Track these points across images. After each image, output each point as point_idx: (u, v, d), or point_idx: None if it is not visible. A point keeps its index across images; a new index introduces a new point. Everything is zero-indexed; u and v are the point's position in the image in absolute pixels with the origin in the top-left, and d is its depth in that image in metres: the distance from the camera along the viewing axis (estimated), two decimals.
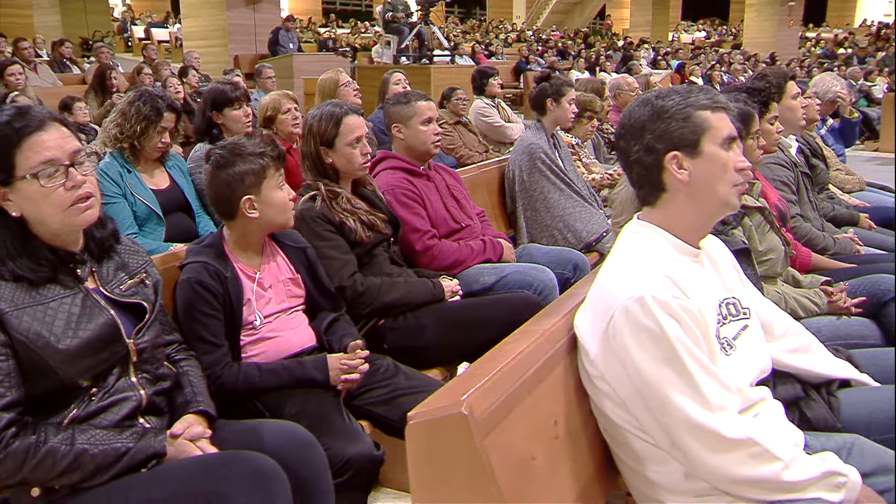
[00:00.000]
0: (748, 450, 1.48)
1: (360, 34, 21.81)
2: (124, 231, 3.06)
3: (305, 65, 12.38)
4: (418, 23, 12.41)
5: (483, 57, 18.04)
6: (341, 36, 20.87)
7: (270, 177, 2.16)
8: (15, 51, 8.26)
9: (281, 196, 2.19)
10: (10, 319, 1.58)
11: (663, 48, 21.71)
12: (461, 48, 17.77)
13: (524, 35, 24.90)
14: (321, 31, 21.22)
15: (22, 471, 1.57)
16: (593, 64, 16.91)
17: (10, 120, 1.62)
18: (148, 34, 17.72)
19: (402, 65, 12.35)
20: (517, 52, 18.48)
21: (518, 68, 15.95)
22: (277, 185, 2.18)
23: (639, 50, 20.58)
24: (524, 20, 31.27)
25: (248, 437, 1.77)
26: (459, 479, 1.28)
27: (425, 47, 12.54)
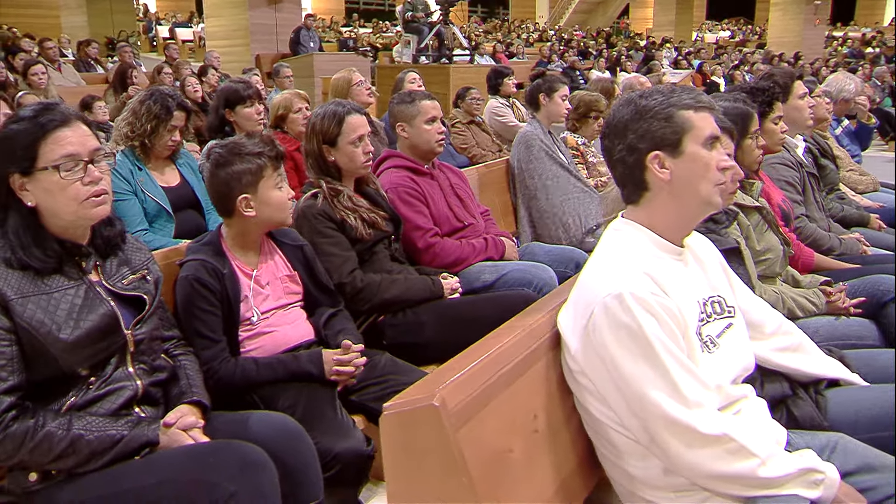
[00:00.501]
0: (724, 446, 1.50)
1: (382, 34, 21.90)
2: (135, 228, 3.14)
3: (325, 64, 12.45)
4: (438, 22, 12.45)
5: (503, 56, 18.04)
6: (363, 35, 20.97)
7: (268, 176, 2.20)
8: (40, 51, 8.41)
9: (278, 195, 2.23)
10: (15, 307, 1.64)
11: (686, 48, 21.57)
12: (482, 48, 17.80)
13: (546, 35, 24.86)
14: (343, 31, 21.32)
15: (20, 453, 1.62)
16: (614, 64, 16.85)
17: (37, 114, 1.70)
18: (172, 34, 17.93)
19: (422, 64, 12.42)
20: (538, 51, 18.44)
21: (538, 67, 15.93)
22: (275, 185, 2.22)
23: (661, 50, 20.47)
24: (547, 20, 31.21)
25: (239, 428, 1.82)
26: (431, 470, 1.31)
27: (445, 47, 12.57)
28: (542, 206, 3.86)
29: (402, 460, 1.34)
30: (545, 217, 3.83)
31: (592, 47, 21.44)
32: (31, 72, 6.07)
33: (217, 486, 1.61)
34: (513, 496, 1.44)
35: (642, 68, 15.52)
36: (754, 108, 2.67)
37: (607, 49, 20.78)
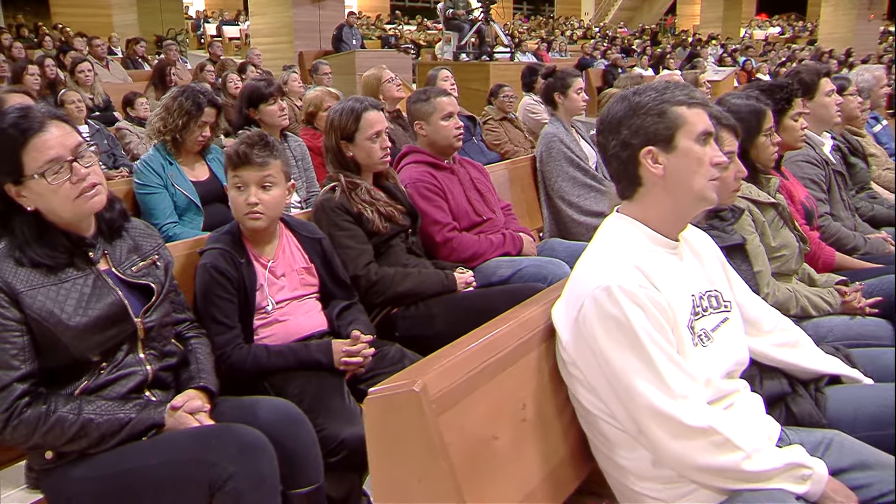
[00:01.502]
0: (709, 438, 1.52)
1: (426, 31, 21.99)
2: (164, 220, 3.25)
3: (367, 61, 12.51)
4: (479, 20, 12.48)
5: (545, 54, 17.99)
6: (408, 33, 21.08)
7: (228, 173, 2.29)
8: (89, 49, 8.66)
9: (233, 197, 2.29)
10: (25, 298, 1.72)
11: (733, 45, 21.23)
12: (524, 45, 17.77)
13: (590, 32, 24.69)
14: (387, 28, 21.48)
15: (34, 436, 1.71)
16: (657, 61, 16.67)
17: (14, 123, 1.74)
18: (220, 31, 18.26)
19: (462, 62, 12.46)
20: (580, 49, 18.34)
21: (580, 66, 15.84)
22: (232, 184, 2.28)
23: (706, 47, 20.17)
24: (592, 17, 30.97)
25: (243, 412, 1.89)
26: (412, 453, 1.36)
27: (486, 44, 12.60)
28: (560, 205, 3.91)
29: (384, 443, 1.39)
30: (563, 215, 3.88)
31: (636, 45, 21.23)
32: (77, 69, 6.27)
33: (216, 467, 1.69)
34: (496, 482, 1.48)
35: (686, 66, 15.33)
36: (768, 104, 2.65)
37: (651, 46, 20.56)
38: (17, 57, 8.00)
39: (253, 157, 2.26)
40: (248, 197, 2.26)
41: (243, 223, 2.31)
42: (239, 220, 2.31)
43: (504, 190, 3.95)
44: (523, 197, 4.18)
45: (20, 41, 10.92)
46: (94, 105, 6.14)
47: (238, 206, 2.29)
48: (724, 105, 2.68)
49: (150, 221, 3.26)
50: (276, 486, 1.75)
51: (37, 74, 5.89)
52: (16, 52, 8.38)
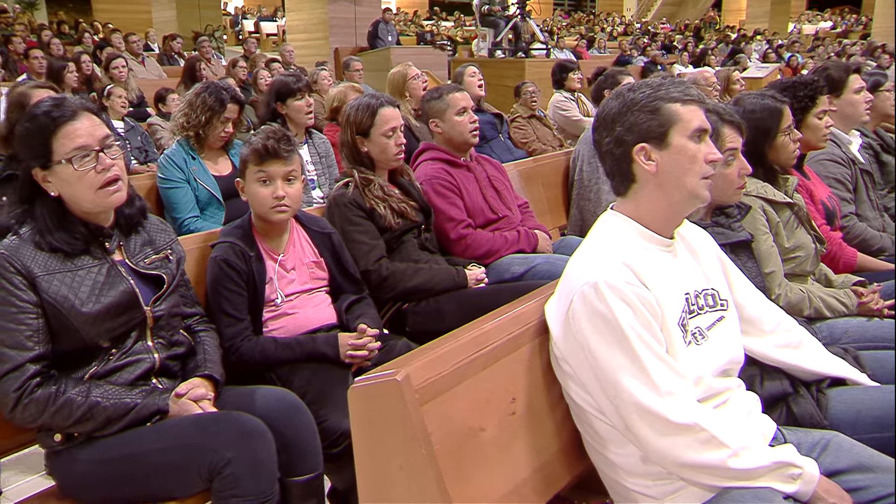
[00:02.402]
0: (695, 435, 1.52)
1: (463, 27, 21.98)
2: (186, 214, 3.32)
3: (402, 57, 12.53)
4: (514, 16, 12.45)
5: (584, 51, 17.86)
6: (444, 29, 21.10)
7: (250, 168, 2.31)
8: (126, 45, 8.85)
9: (257, 190, 2.31)
10: (41, 283, 1.79)
11: (779, 40, 20.83)
12: (562, 42, 17.67)
13: (631, 28, 24.46)
14: (425, 25, 21.53)
15: (43, 416, 1.78)
16: (698, 58, 16.45)
17: (47, 111, 1.83)
18: (257, 27, 18.49)
19: (497, 58, 12.45)
20: (619, 46, 18.19)
21: (618, 63, 15.71)
22: (256, 179, 2.31)
23: (751, 43, 19.84)
24: (634, 13, 30.67)
25: (244, 401, 1.94)
26: (394, 441, 1.39)
27: (521, 41, 12.57)
28: (591, 209, 3.87)
29: (367, 431, 1.42)
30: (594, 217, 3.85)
31: (678, 41, 20.98)
32: (112, 66, 6.42)
33: (216, 453, 1.74)
34: (481, 472, 1.50)
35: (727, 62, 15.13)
36: (785, 102, 2.62)
37: (694, 43, 20.29)
38: (56, 53, 8.20)
39: (280, 151, 2.31)
40: (276, 190, 2.30)
41: (269, 216, 2.34)
42: (264, 213, 2.34)
43: (525, 187, 3.95)
44: (545, 194, 4.17)
45: (60, 38, 11.19)
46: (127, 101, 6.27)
47: (265, 200, 2.31)
48: (741, 104, 2.66)
49: (172, 215, 3.35)
50: (273, 473, 1.79)
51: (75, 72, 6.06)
52: (55, 48, 8.59)
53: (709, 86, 5.83)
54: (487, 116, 5.48)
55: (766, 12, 25.65)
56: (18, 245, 1.80)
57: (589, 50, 18.64)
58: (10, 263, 1.77)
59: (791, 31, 26.01)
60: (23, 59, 7.90)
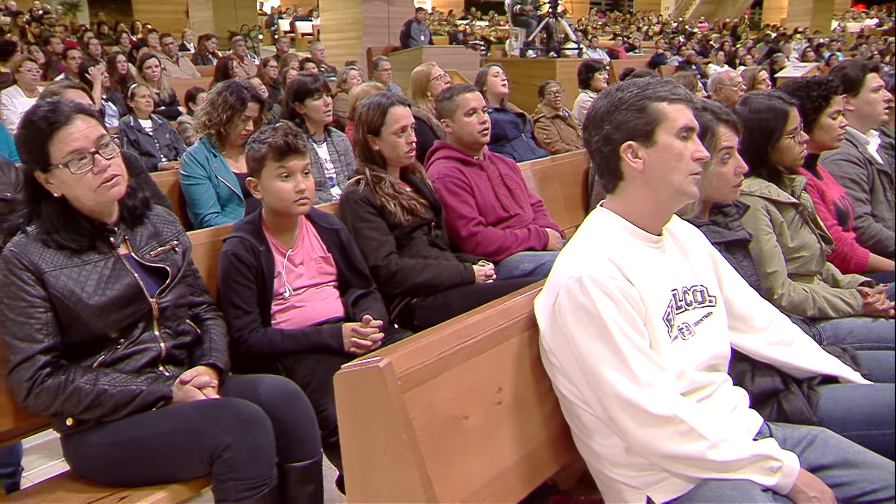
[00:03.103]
0: (675, 427, 1.55)
1: (498, 27, 21.99)
2: (207, 210, 3.41)
3: (434, 57, 12.58)
4: (547, 15, 12.44)
5: (622, 50, 17.77)
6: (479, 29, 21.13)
7: (269, 165, 2.36)
8: (161, 45, 9.05)
9: (277, 186, 2.37)
10: (49, 278, 1.88)
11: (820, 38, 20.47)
12: (595, 41, 17.60)
13: (667, 27, 24.26)
14: (459, 24, 21.58)
15: (54, 404, 1.87)
16: (733, 57, 16.28)
17: (43, 116, 1.90)
18: (293, 27, 18.71)
19: (529, 58, 12.46)
20: (654, 45, 18.05)
21: (653, 62, 15.60)
22: (277, 175, 2.36)
23: (790, 41, 19.54)
24: (672, 11, 30.36)
25: (246, 389, 2.02)
26: (377, 426, 1.45)
27: (553, 40, 12.56)
28: None
29: (352, 416, 1.48)
30: None
31: (715, 40, 20.75)
32: (145, 65, 6.59)
33: (216, 438, 1.81)
34: (464, 458, 1.55)
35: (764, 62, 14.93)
36: (793, 104, 2.62)
37: (731, 42, 20.05)
38: (94, 54, 8.42)
39: (299, 145, 2.39)
40: (298, 184, 2.37)
41: (292, 210, 2.41)
42: (286, 207, 2.40)
43: (542, 186, 3.99)
44: (563, 193, 4.21)
45: (99, 38, 11.46)
46: (159, 100, 6.43)
47: (288, 194, 2.37)
48: (748, 104, 2.67)
49: (193, 211, 3.46)
50: (271, 458, 1.86)
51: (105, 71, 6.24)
52: (93, 48, 8.82)
53: (734, 85, 5.79)
54: (510, 116, 5.52)
55: (807, 10, 25.22)
56: (26, 243, 1.90)
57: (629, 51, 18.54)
58: (18, 260, 1.86)
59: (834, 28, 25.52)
60: (62, 59, 8.13)
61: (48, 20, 14.73)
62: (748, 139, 2.58)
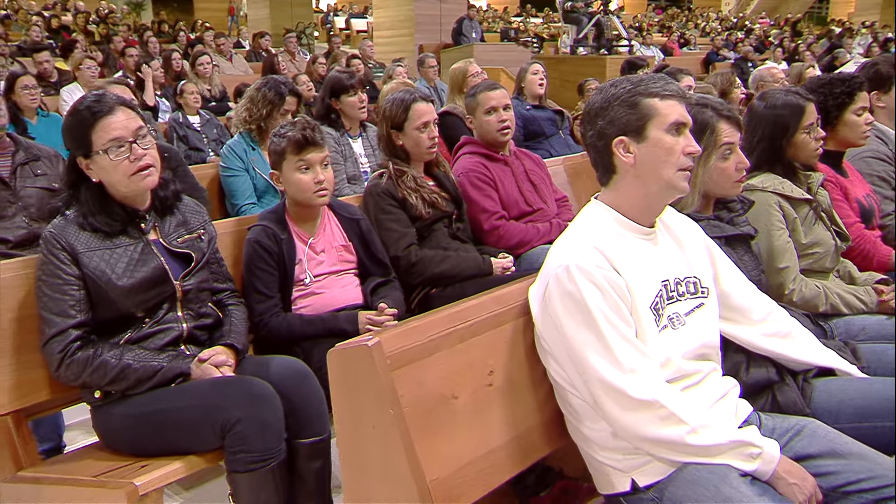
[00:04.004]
0: (655, 411, 1.61)
1: (551, 24, 21.91)
2: (244, 200, 3.57)
3: (485, 54, 12.74)
4: (598, 12, 12.38)
5: (675, 47, 17.56)
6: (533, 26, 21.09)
7: (289, 158, 2.49)
8: (215, 44, 9.33)
9: (298, 178, 2.49)
10: (83, 258, 2.03)
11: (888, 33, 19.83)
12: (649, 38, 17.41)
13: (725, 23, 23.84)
14: (514, 21, 21.57)
15: (82, 375, 2.02)
16: (792, 54, 15.94)
17: (88, 106, 2.07)
18: (348, 24, 18.98)
19: (579, 55, 12.43)
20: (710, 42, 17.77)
21: (707, 60, 15.38)
22: (296, 167, 2.48)
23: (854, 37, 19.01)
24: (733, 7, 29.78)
25: (259, 368, 2.14)
26: (366, 402, 1.54)
27: (604, 37, 12.49)
28: None
29: (343, 391, 1.58)
30: None
31: (775, 36, 20.32)
32: (198, 62, 6.82)
33: (227, 412, 1.94)
34: (451, 434, 1.62)
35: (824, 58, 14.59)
36: (810, 100, 2.63)
37: (791, 38, 19.61)
38: (152, 51, 8.72)
39: (317, 139, 2.51)
40: (317, 175, 2.49)
41: (312, 201, 2.53)
42: (307, 198, 2.52)
43: (572, 181, 4.04)
44: (593, 188, 4.22)
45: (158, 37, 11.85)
46: (210, 96, 6.64)
47: (307, 185, 2.50)
48: (765, 99, 2.69)
49: (231, 201, 3.61)
50: (279, 433, 1.98)
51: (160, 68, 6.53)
52: (151, 47, 9.15)
53: (776, 82, 5.70)
54: (548, 113, 5.56)
55: (876, 3, 24.39)
56: (64, 225, 2.06)
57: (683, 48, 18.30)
58: (56, 241, 2.02)
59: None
60: (121, 56, 8.45)
61: (112, 19, 15.25)
62: (763, 134, 2.61)
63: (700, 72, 14.67)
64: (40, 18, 12.97)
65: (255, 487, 1.94)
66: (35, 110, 4.93)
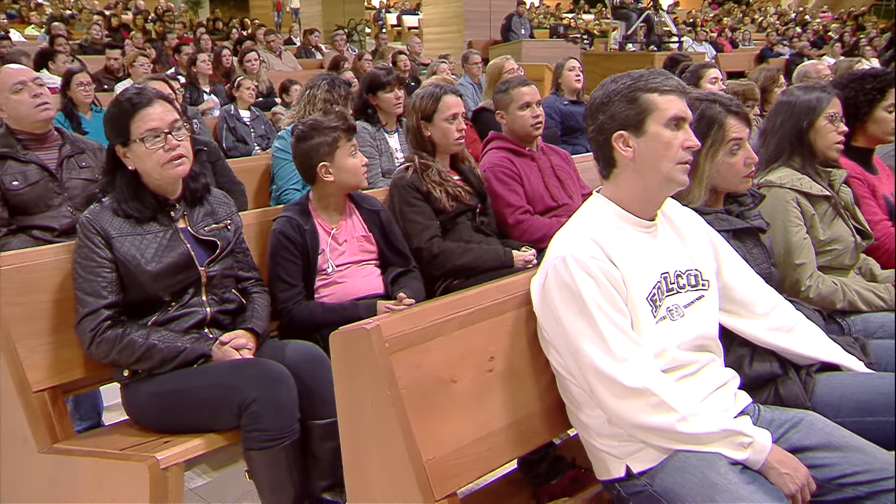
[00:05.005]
0: (646, 399, 1.66)
1: (603, 20, 21.74)
2: (287, 185, 3.70)
3: (533, 51, 12.75)
4: (647, 8, 12.30)
5: (726, 44, 17.26)
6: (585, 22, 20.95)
7: (342, 146, 2.61)
8: (264, 41, 9.54)
9: (353, 162, 2.62)
10: (115, 243, 2.16)
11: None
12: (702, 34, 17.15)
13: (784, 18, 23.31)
14: (565, 17, 21.46)
15: (111, 353, 2.15)
16: (851, 49, 15.53)
17: (129, 98, 2.21)
18: (400, 21, 19.14)
19: (628, 52, 12.35)
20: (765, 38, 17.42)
21: (761, 56, 15.07)
22: (349, 153, 2.62)
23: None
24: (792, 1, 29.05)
25: (276, 351, 2.25)
26: (365, 382, 1.63)
27: (654, 33, 12.39)
28: None
29: (344, 371, 1.67)
30: None
31: (835, 31, 19.81)
32: (245, 59, 7.01)
33: (244, 392, 2.04)
34: (448, 416, 1.69)
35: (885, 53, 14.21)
36: (833, 94, 2.62)
37: (852, 32, 19.09)
38: (205, 49, 8.96)
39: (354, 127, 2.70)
40: (361, 159, 2.67)
41: (362, 184, 2.70)
42: (358, 182, 2.69)
43: None
44: None
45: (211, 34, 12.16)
46: (258, 91, 6.81)
47: (359, 169, 2.66)
48: (788, 94, 2.70)
49: (276, 183, 3.75)
50: (292, 413, 2.08)
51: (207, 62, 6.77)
52: (203, 44, 9.40)
53: (820, 77, 5.60)
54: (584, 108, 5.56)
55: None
56: (100, 211, 2.19)
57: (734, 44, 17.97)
58: (92, 226, 2.16)
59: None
60: (174, 53, 8.71)
61: (169, 17, 15.68)
62: (786, 117, 2.62)
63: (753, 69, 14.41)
64: (101, 18, 13.39)
65: (269, 464, 2.05)
66: (89, 106, 5.15)
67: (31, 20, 15.59)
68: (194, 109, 5.98)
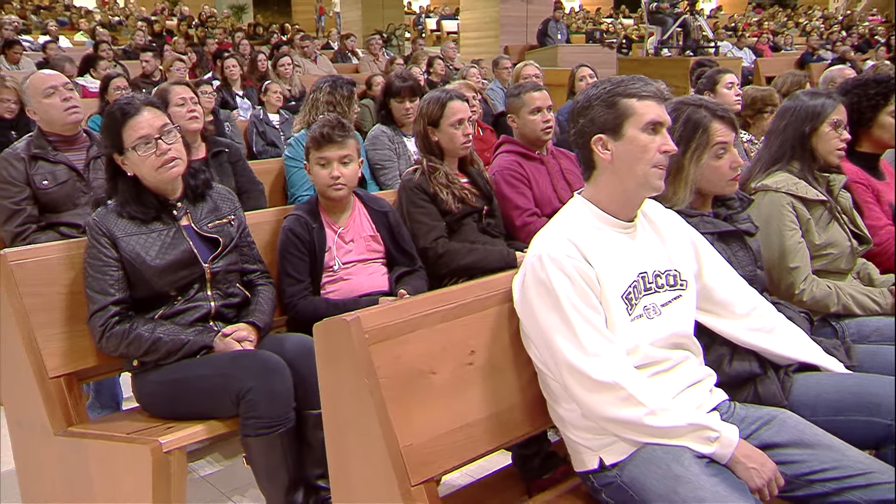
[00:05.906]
0: (615, 393, 1.72)
1: (642, 25, 21.62)
2: (300, 190, 3.81)
3: (569, 56, 12.73)
4: (683, 13, 12.21)
5: (766, 49, 17.04)
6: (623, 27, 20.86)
7: (312, 155, 2.71)
8: (299, 46, 9.73)
9: (318, 172, 2.71)
10: (121, 243, 2.29)
11: None
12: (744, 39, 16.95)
13: (829, 22, 22.92)
14: (604, 23, 21.40)
15: (120, 347, 2.28)
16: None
17: (119, 107, 2.33)
18: (439, 26, 19.28)
19: (663, 57, 12.28)
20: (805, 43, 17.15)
21: (802, 61, 14.87)
22: (317, 163, 2.70)
23: None
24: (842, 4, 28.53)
25: (275, 344, 2.37)
26: (345, 371, 1.71)
27: (690, 38, 12.30)
28: None
29: (326, 361, 1.76)
30: None
31: (882, 34, 19.42)
32: (279, 63, 7.19)
33: (241, 381, 2.16)
34: (426, 406, 1.76)
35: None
36: (838, 101, 2.64)
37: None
38: (244, 53, 9.17)
39: (334, 136, 2.70)
40: (332, 171, 2.70)
41: (327, 194, 2.74)
42: (323, 191, 2.74)
43: None
44: None
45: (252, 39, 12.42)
46: (290, 95, 6.97)
47: (324, 180, 2.71)
48: (793, 99, 2.73)
49: (290, 190, 3.87)
50: (287, 402, 2.18)
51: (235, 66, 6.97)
52: (242, 49, 9.62)
53: None
54: None
55: None
56: (106, 213, 2.33)
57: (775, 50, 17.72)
58: (98, 227, 2.29)
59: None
60: (214, 59, 8.94)
61: (211, 23, 16.04)
62: (790, 121, 2.65)
63: None
64: (145, 24, 13.76)
65: (265, 451, 2.16)
66: None
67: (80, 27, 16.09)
68: (226, 113, 6.15)
